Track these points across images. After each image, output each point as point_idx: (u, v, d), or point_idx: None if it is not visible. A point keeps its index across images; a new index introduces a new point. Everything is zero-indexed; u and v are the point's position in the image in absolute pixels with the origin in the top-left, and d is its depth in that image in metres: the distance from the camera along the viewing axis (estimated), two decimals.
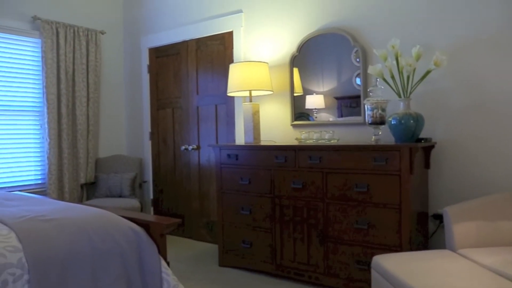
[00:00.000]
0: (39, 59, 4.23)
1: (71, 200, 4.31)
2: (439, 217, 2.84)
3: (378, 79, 2.92)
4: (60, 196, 4.26)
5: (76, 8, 4.55)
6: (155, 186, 4.70)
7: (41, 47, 4.13)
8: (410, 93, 2.72)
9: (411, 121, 2.60)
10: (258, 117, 3.48)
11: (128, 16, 4.95)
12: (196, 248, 4.06)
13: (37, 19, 4.12)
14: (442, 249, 2.34)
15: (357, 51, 3.21)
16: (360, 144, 2.72)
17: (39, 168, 4.26)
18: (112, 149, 4.88)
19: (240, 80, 3.38)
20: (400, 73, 2.71)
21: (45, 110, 4.13)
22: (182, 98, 4.40)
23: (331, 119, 3.38)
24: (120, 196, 4.31)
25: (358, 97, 3.23)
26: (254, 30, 3.83)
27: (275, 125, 3.71)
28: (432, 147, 2.86)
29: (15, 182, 4.08)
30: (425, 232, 2.86)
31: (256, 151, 3.20)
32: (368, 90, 2.96)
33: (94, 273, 1.79)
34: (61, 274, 1.69)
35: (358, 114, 3.24)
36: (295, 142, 3.36)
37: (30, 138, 4.19)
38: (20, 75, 4.12)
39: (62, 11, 4.42)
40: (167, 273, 2.00)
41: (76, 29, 4.39)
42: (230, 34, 3.99)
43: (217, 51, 4.10)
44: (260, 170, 3.18)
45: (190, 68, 4.31)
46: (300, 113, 3.55)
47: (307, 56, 3.46)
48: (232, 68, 3.45)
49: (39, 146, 4.25)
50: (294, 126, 3.58)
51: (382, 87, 2.90)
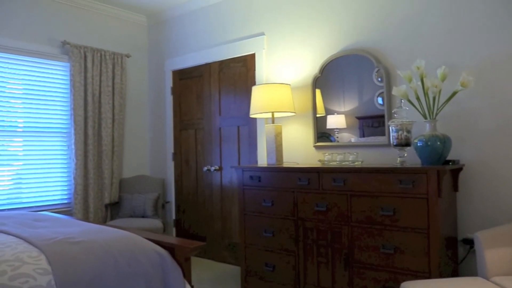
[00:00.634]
0: (68, 82, 4.35)
1: (95, 220, 4.36)
2: (469, 242, 2.75)
3: (402, 100, 2.90)
4: (85, 216, 4.32)
5: (103, 33, 4.69)
6: (177, 207, 4.72)
7: (70, 71, 4.25)
8: (436, 114, 2.68)
9: (438, 143, 2.56)
10: (281, 138, 3.48)
11: (153, 40, 5.07)
12: (218, 269, 4.03)
13: (66, 44, 4.26)
14: (473, 276, 2.27)
15: (378, 70, 3.20)
16: (385, 166, 2.68)
17: (66, 188, 4.33)
18: (136, 170, 4.95)
19: (262, 102, 3.40)
20: (426, 94, 2.68)
21: (72, 132, 4.23)
22: (204, 120, 4.45)
23: (353, 139, 3.35)
24: (143, 216, 4.34)
25: (380, 116, 3.21)
26: (276, 52, 3.86)
27: (298, 147, 3.71)
28: (460, 169, 2.80)
29: (42, 202, 4.16)
30: (455, 258, 2.78)
31: (279, 173, 3.19)
32: (393, 111, 2.94)
33: None
34: None
35: (381, 134, 3.21)
36: (318, 164, 3.34)
37: (57, 159, 4.28)
38: (50, 97, 4.24)
39: (90, 36, 4.57)
40: None
41: (103, 53, 4.51)
42: (252, 56, 4.03)
43: (240, 73, 4.15)
44: (283, 192, 3.16)
45: (213, 89, 4.37)
46: (321, 133, 3.54)
47: (329, 77, 3.47)
48: (255, 90, 3.48)
49: (66, 166, 4.34)
50: (316, 147, 3.57)
51: (407, 108, 2.87)
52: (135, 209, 4.35)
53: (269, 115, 3.55)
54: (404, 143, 2.76)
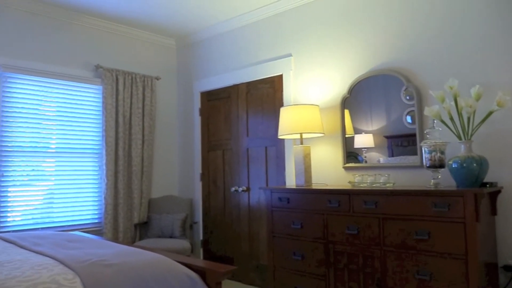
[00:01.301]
0: (100, 104, 4.47)
1: (124, 239, 4.40)
2: (510, 269, 2.64)
3: (435, 121, 2.84)
4: (115, 236, 4.36)
5: (134, 56, 4.82)
6: (205, 227, 4.72)
7: (102, 93, 4.37)
8: (472, 135, 2.61)
9: (474, 164, 2.48)
10: (309, 159, 3.45)
11: (181, 62, 5.17)
12: None
13: (99, 68, 4.39)
14: None
15: (407, 88, 3.16)
16: (418, 188, 2.62)
17: (96, 208, 4.40)
18: (164, 190, 5.00)
19: (291, 123, 3.39)
20: (460, 114, 2.62)
21: (104, 152, 4.32)
22: (232, 140, 4.47)
23: (381, 159, 3.30)
24: (171, 236, 4.36)
25: (409, 135, 3.15)
26: (304, 73, 3.87)
27: (326, 168, 3.67)
28: (498, 192, 2.70)
29: (73, 221, 4.24)
30: (495, 285, 2.66)
31: (308, 195, 3.15)
32: (425, 131, 2.88)
33: None
34: None
35: (410, 153, 3.14)
36: (348, 186, 3.29)
37: (88, 179, 4.37)
38: (82, 119, 4.36)
39: (122, 60, 4.70)
40: None
41: (133, 75, 4.63)
42: (280, 77, 4.05)
43: (267, 94, 4.17)
44: (313, 214, 3.12)
45: (241, 110, 4.40)
46: (348, 152, 3.51)
47: (358, 97, 3.44)
48: (283, 111, 3.48)
49: (96, 186, 4.42)
50: (346, 168, 3.52)
51: (440, 129, 2.81)
52: (163, 229, 4.38)
53: (298, 136, 3.54)
54: (438, 165, 2.69)
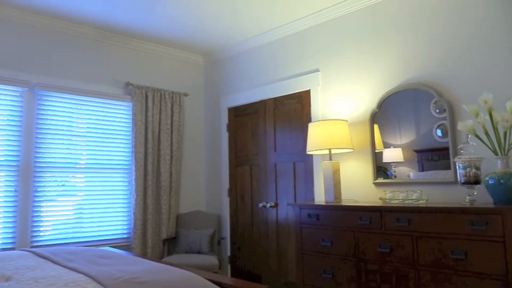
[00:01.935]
0: (130, 120, 4.56)
1: (153, 255, 4.43)
2: None
3: (469, 135, 2.76)
4: (143, 251, 4.40)
5: (163, 74, 4.92)
6: (232, 243, 4.70)
7: (132, 110, 4.46)
8: (509, 150, 2.52)
9: None
10: (339, 175, 3.41)
11: (209, 78, 5.24)
12: None
13: (129, 85, 4.49)
14: None
15: (436, 101, 3.10)
16: (454, 206, 2.54)
17: (125, 223, 4.46)
18: (192, 205, 5.02)
19: (320, 138, 3.37)
20: (495, 129, 2.54)
21: (133, 168, 4.39)
22: (260, 156, 4.47)
23: (411, 173, 3.23)
24: (199, 252, 4.36)
25: (440, 149, 3.08)
26: (331, 88, 3.85)
27: (356, 183, 3.61)
28: None
29: (103, 236, 4.30)
30: None
31: (338, 211, 3.10)
32: (459, 147, 2.80)
33: None
34: None
35: (442, 168, 3.06)
36: (378, 202, 3.23)
37: (118, 194, 4.44)
38: (112, 135, 4.45)
39: (151, 77, 4.80)
40: None
41: (162, 92, 4.71)
42: (307, 92, 4.04)
43: (295, 110, 4.16)
44: (343, 232, 3.06)
45: (268, 126, 4.40)
46: (377, 167, 3.45)
47: (387, 112, 3.39)
48: (312, 126, 3.46)
49: (126, 201, 4.48)
50: (376, 184, 3.45)
51: (474, 144, 2.73)
52: (191, 244, 4.38)
53: (326, 151, 3.51)
54: (473, 181, 2.61)
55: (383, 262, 2.81)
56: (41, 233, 3.93)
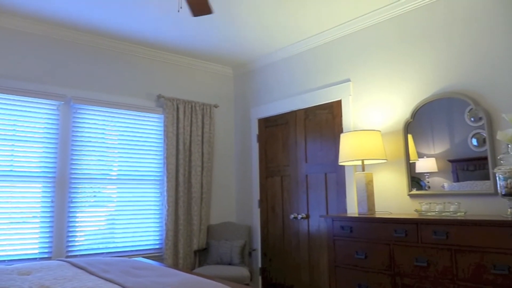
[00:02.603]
0: (161, 132, 4.64)
1: (184, 266, 4.45)
2: None
3: (509, 145, 2.66)
4: (175, 262, 4.43)
5: (193, 86, 4.99)
6: (263, 255, 4.68)
7: (164, 122, 4.53)
8: None
9: None
10: (372, 186, 3.34)
11: (238, 89, 5.27)
12: None
13: (161, 97, 4.57)
14: None
15: (471, 110, 3.01)
16: (495, 218, 2.44)
17: (157, 234, 4.51)
18: (222, 216, 5.03)
19: (352, 149, 3.32)
20: None
21: (165, 179, 4.44)
22: (290, 166, 4.45)
23: (445, 184, 3.13)
24: (230, 263, 4.35)
25: (476, 159, 2.98)
26: (363, 98, 3.80)
27: (390, 195, 3.53)
28: None
29: (135, 247, 4.35)
30: None
31: (372, 224, 3.04)
32: (498, 157, 2.71)
33: None
34: None
35: (478, 178, 2.96)
36: (414, 214, 3.14)
37: (149, 205, 4.50)
38: (144, 147, 4.53)
39: (182, 89, 4.87)
40: None
41: (193, 104, 4.77)
42: (339, 103, 4.01)
43: (326, 120, 4.12)
44: (377, 244, 2.99)
45: (299, 137, 4.38)
46: (411, 177, 3.37)
47: (421, 122, 3.32)
48: (344, 137, 3.42)
49: (158, 212, 4.53)
50: (411, 195, 3.37)
51: None
52: (222, 256, 4.38)
53: (359, 162, 3.45)
54: None
55: (420, 277, 2.72)
56: (76, 243, 4.02)
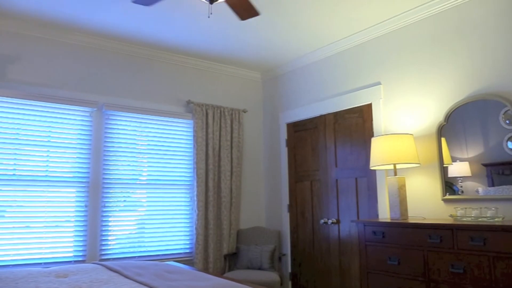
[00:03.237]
0: (191, 137, 4.69)
1: (214, 270, 4.47)
2: None
3: None
4: (205, 266, 4.45)
5: (222, 91, 5.03)
6: (293, 260, 4.65)
7: (193, 127, 4.59)
8: None
9: None
10: (405, 191, 3.28)
11: (267, 94, 5.28)
12: None
13: (190, 103, 4.63)
14: None
15: (506, 112, 2.91)
16: None
17: (188, 238, 4.55)
18: (252, 221, 5.04)
19: (384, 153, 3.27)
20: None
21: (195, 184, 4.49)
22: (320, 171, 4.41)
23: (480, 189, 3.04)
24: (260, 268, 4.35)
25: None
26: (394, 101, 3.74)
27: (423, 200, 3.45)
28: None
29: (166, 251, 4.41)
30: None
31: (406, 229, 2.97)
32: None
33: None
34: None
35: None
36: (448, 219, 3.06)
37: (180, 210, 4.55)
38: (174, 152, 4.59)
39: (211, 94, 4.92)
40: None
41: (222, 109, 4.80)
42: (369, 106, 3.95)
43: (356, 124, 4.08)
44: (411, 250, 2.93)
45: (328, 141, 4.34)
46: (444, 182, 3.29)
47: (455, 124, 3.24)
48: (375, 141, 3.37)
49: (188, 217, 4.58)
50: (445, 200, 3.28)
51: None
52: (252, 260, 4.38)
53: (391, 166, 3.39)
54: None
55: (456, 284, 2.65)
56: (109, 247, 4.10)
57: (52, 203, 3.87)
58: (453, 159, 3.24)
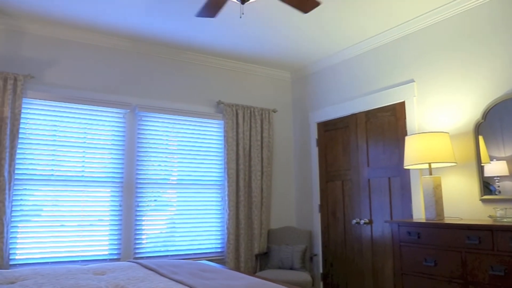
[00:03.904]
0: (222, 138, 4.73)
1: (246, 269, 4.49)
2: None
3: None
4: (236, 265, 4.48)
5: (252, 91, 5.04)
6: (324, 260, 4.61)
7: (223, 127, 4.62)
8: None
9: None
10: (440, 191, 3.20)
11: (296, 94, 5.26)
12: None
13: (220, 103, 4.66)
14: None
15: None
16: None
17: (219, 237, 4.58)
18: (282, 221, 5.03)
19: (418, 152, 3.20)
20: None
21: (226, 184, 4.52)
22: (351, 170, 4.36)
23: None
24: (291, 268, 4.34)
25: None
26: (428, 99, 3.66)
27: (459, 200, 3.36)
28: None
29: (198, 250, 4.45)
30: None
31: (442, 229, 2.90)
32: None
33: None
34: None
35: None
36: (487, 220, 2.97)
37: (211, 209, 4.58)
38: (205, 152, 4.64)
39: (240, 95, 4.95)
40: None
41: (252, 109, 4.82)
42: (402, 104, 3.88)
43: (388, 122, 4.01)
44: (448, 252, 2.85)
45: (360, 140, 4.29)
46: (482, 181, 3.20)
47: (492, 122, 3.14)
48: (409, 140, 3.31)
49: (219, 216, 4.61)
50: (484, 201, 3.18)
51: None
52: (283, 260, 4.38)
53: (426, 165, 3.32)
54: None
55: (496, 287, 2.56)
56: (142, 245, 4.18)
57: (88, 203, 3.97)
58: (491, 158, 3.14)
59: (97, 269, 2.73)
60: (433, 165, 3.32)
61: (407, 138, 3.34)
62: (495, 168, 3.11)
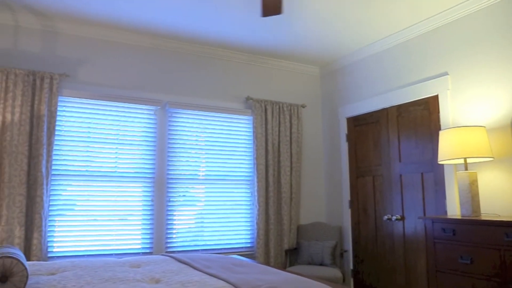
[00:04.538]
0: (251, 133, 4.74)
1: (275, 264, 4.50)
2: None
3: None
4: (266, 260, 4.49)
5: (280, 87, 5.03)
6: (355, 256, 4.57)
7: (252, 123, 4.63)
8: None
9: None
10: (477, 187, 3.11)
11: (325, 89, 5.22)
12: None
13: (249, 99, 4.67)
14: None
15: None
16: None
17: (249, 232, 4.61)
18: (312, 217, 5.01)
19: (453, 147, 3.12)
20: None
21: (255, 179, 4.53)
22: (382, 166, 4.30)
23: None
24: (321, 264, 4.32)
25: None
26: (463, 92, 3.56)
27: (497, 196, 3.26)
28: None
29: (228, 245, 4.49)
30: None
31: (479, 226, 2.83)
32: None
33: None
34: None
35: None
36: None
37: (240, 204, 4.61)
38: (235, 148, 4.66)
39: (269, 90, 4.94)
40: None
41: (281, 105, 4.81)
42: (435, 98, 3.80)
43: (421, 117, 3.93)
44: (485, 249, 2.78)
45: (391, 135, 4.22)
46: None
47: None
48: (443, 134, 3.23)
49: (248, 212, 4.64)
50: None
51: None
52: (313, 256, 4.36)
53: (461, 161, 3.24)
54: None
55: None
56: (173, 240, 4.24)
57: (122, 197, 4.06)
58: None
59: (132, 262, 2.80)
60: (468, 160, 3.24)
61: (441, 132, 3.27)
62: None
